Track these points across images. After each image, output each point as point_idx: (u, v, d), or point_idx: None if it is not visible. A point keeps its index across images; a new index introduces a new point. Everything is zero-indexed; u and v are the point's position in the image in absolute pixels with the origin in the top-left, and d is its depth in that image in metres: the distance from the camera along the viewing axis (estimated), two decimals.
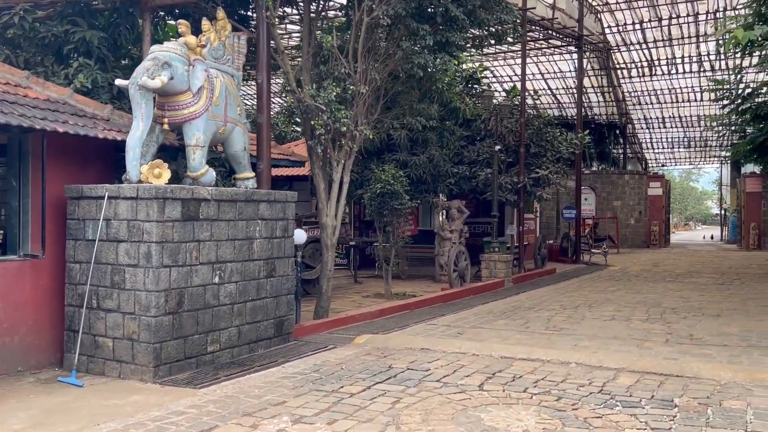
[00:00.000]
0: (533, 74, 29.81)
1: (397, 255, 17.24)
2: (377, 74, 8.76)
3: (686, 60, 28.56)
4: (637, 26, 25.98)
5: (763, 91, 17.88)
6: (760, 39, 12.08)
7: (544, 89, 31.86)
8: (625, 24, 25.98)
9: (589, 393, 5.98)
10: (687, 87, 31.80)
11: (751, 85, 17.32)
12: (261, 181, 8.61)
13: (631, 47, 27.59)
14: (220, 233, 7.04)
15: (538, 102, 32.71)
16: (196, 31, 7.36)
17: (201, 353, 6.81)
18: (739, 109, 18.12)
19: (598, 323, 9.76)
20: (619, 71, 30.18)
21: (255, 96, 14.98)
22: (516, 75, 29.06)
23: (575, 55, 23.27)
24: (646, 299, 12.58)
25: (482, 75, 19.20)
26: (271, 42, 8.71)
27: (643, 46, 27.45)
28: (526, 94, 19.46)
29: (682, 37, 26.43)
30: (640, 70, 30.09)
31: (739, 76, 17.44)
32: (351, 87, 8.72)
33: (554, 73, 29.72)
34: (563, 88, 31.67)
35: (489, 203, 17.15)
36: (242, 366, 6.96)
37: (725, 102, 18.35)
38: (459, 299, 12.73)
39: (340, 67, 8.79)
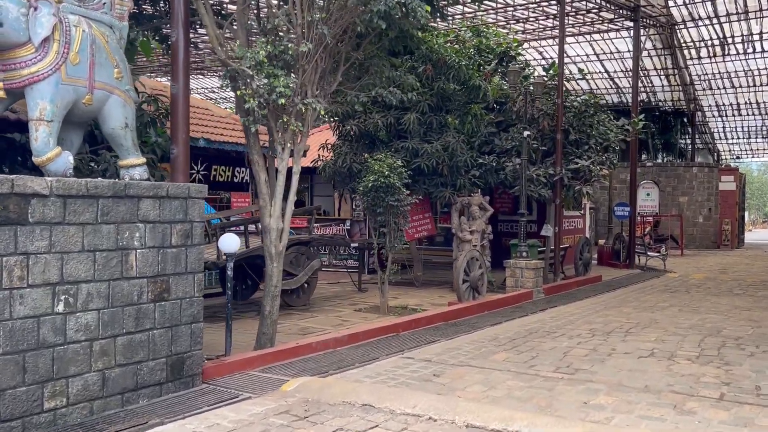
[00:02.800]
0: (587, 55, 26.86)
1: (410, 259, 15.11)
2: (326, 28, 6.56)
3: (765, 36, 24.99)
4: None
5: None
6: None
7: (600, 72, 28.81)
8: None
9: None
10: (766, 68, 28.08)
11: None
12: (175, 171, 6.59)
13: (700, 23, 24.23)
14: (68, 243, 5.04)
15: (594, 86, 29.70)
16: None
17: (32, 412, 4.84)
18: None
19: (629, 362, 7.30)
20: (685, 51, 26.80)
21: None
22: (566, 56, 26.20)
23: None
24: (703, 322, 9.93)
25: (518, 52, 16.65)
26: None
27: (714, 20, 24.07)
28: (577, 75, 16.87)
29: (760, 9, 22.96)
30: (710, 49, 26.62)
31: None
32: (291, 45, 6.57)
33: (611, 53, 26.64)
34: (622, 71, 28.50)
35: (528, 199, 14.74)
36: (94, 429, 4.97)
37: None
38: (466, 317, 10.43)
39: (276, 18, 6.65)
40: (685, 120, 33.10)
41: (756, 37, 25.10)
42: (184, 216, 5.91)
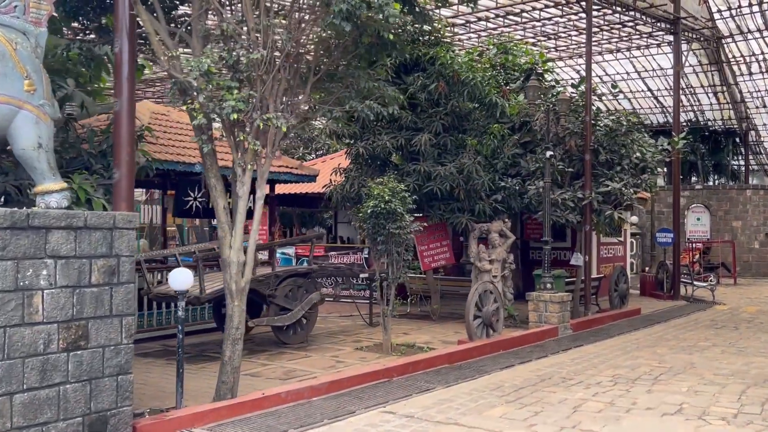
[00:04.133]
0: (627, 73, 25.50)
1: (426, 291, 14.07)
2: (285, 33, 5.72)
3: None
4: (755, 8, 21.20)
5: None
6: None
7: (642, 91, 27.37)
8: (740, 6, 21.27)
9: None
10: None
11: None
12: (118, 197, 5.82)
13: (749, 36, 22.71)
14: None
15: (636, 106, 28.23)
16: None
17: None
18: None
19: (649, 422, 6.11)
20: (734, 66, 25.18)
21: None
22: (605, 74, 24.95)
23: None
24: (748, 367, 8.58)
25: (546, 68, 15.60)
26: None
27: (764, 33, 22.50)
28: (612, 91, 15.71)
29: None
30: (762, 64, 24.96)
31: None
32: (243, 52, 5.76)
33: (653, 71, 25.23)
34: (666, 89, 26.98)
35: (560, 225, 13.62)
36: None
37: None
38: (476, 358, 9.33)
39: (225, 23, 5.86)
40: (737, 140, 31.18)
41: None
42: (108, 250, 5.10)
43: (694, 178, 32.12)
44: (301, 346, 10.28)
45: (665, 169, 27.00)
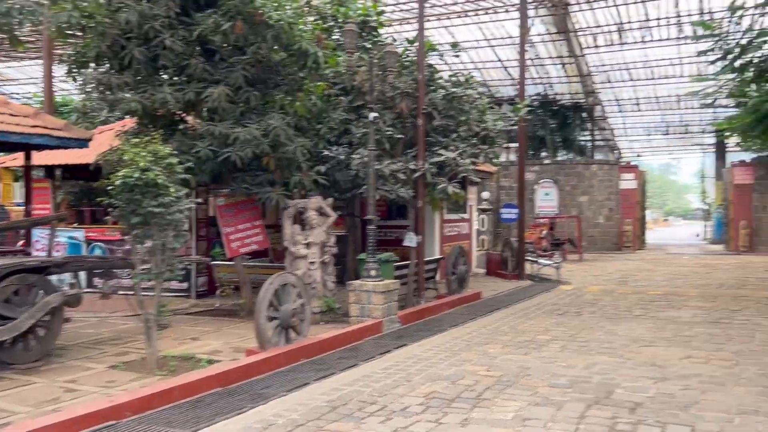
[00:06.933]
0: (477, 41, 24.30)
1: (236, 280, 11.75)
2: None
3: (662, 22, 23.19)
4: None
5: None
6: None
7: (492, 61, 26.38)
8: None
9: None
10: (665, 59, 26.47)
11: (755, 28, 12.04)
12: None
13: (595, 4, 22.12)
14: None
15: (487, 77, 27.26)
16: None
17: None
18: (737, 64, 12.70)
19: None
20: (581, 37, 24.71)
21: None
22: (454, 40, 23.48)
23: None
24: (589, 372, 7.06)
25: (380, 22, 13.59)
26: None
27: (610, 2, 21.99)
28: (454, 51, 13.99)
29: None
30: (607, 36, 24.67)
31: (737, 16, 12.16)
32: None
33: (502, 39, 24.17)
34: (516, 59, 26.13)
35: (392, 201, 11.79)
36: None
37: (716, 55, 12.93)
38: (265, 374, 7.17)
39: None
40: (585, 115, 31.30)
41: (654, 23, 23.26)
42: None
43: (544, 153, 31.99)
44: (34, 366, 7.60)
45: (516, 144, 26.32)
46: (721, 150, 33.45)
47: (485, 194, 21.56)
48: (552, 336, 9.19)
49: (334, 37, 12.54)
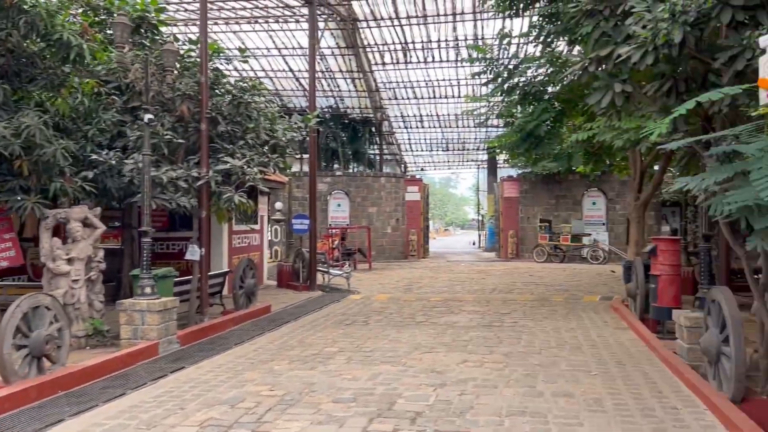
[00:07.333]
0: (267, 49, 23.98)
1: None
2: None
3: (443, 45, 24.79)
4: None
5: (534, 65, 13.79)
6: None
7: (284, 71, 26.23)
8: None
9: None
10: (445, 79, 28.36)
11: (521, 56, 13.24)
12: None
13: (382, 23, 22.98)
14: None
15: (279, 86, 27.02)
16: None
17: None
18: (505, 87, 13.83)
19: None
20: (369, 54, 25.53)
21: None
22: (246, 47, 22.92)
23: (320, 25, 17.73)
24: (374, 383, 7.03)
25: (161, 20, 12.63)
26: None
27: (396, 22, 22.99)
28: (241, 56, 13.44)
29: (437, 15, 22.44)
30: (393, 54, 25.78)
31: (505, 43, 13.27)
32: None
33: (293, 49, 24.12)
34: (308, 70, 26.27)
35: (172, 210, 10.87)
36: None
37: (489, 77, 13.97)
38: (7, 413, 6.09)
39: None
40: (374, 129, 32.41)
41: (434, 45, 24.76)
42: None
43: (336, 165, 32.52)
44: None
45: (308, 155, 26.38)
46: (493, 166, 36.61)
47: (278, 204, 21.25)
48: (339, 348, 9.09)
49: (109, 32, 11.44)
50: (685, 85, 7.23)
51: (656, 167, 14.35)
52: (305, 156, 24.91)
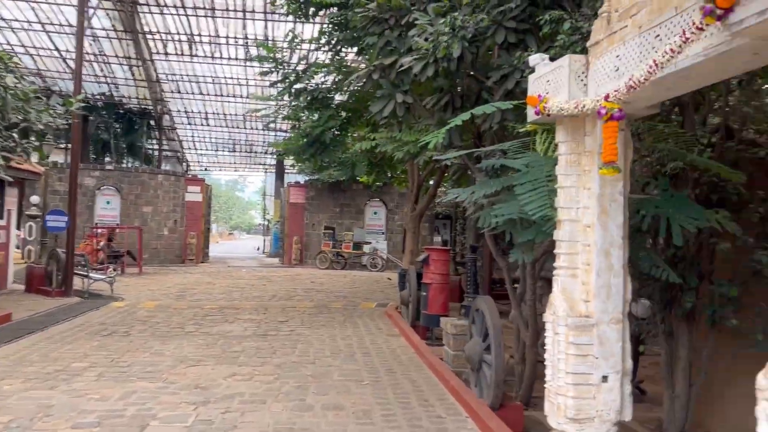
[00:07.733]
0: (29, 23, 21.17)
1: None
2: None
3: (231, 41, 23.91)
4: None
5: (323, 71, 13.68)
6: None
7: (50, 50, 23.38)
8: None
9: None
10: (233, 77, 27.39)
11: (310, 61, 13.05)
12: None
13: (165, 10, 21.49)
14: None
15: (42, 66, 24.04)
16: None
17: None
18: (293, 89, 13.55)
19: None
20: (150, 41, 23.77)
21: None
22: (14, 21, 19.99)
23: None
24: (124, 404, 6.20)
25: None
26: None
27: (181, 11, 21.65)
28: None
29: (227, 9, 21.57)
30: (178, 45, 24.28)
31: (294, 44, 12.98)
32: None
33: (61, 26, 21.58)
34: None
35: None
36: None
37: (277, 77, 13.58)
38: None
39: None
40: (153, 123, 30.28)
41: (223, 41, 23.80)
42: None
43: (108, 158, 29.82)
44: None
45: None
46: (280, 170, 36.24)
47: (34, 198, 18.71)
48: (90, 362, 8.01)
49: None
50: (461, 100, 7.48)
51: (432, 181, 15.04)
52: (70, 145, 22.48)
